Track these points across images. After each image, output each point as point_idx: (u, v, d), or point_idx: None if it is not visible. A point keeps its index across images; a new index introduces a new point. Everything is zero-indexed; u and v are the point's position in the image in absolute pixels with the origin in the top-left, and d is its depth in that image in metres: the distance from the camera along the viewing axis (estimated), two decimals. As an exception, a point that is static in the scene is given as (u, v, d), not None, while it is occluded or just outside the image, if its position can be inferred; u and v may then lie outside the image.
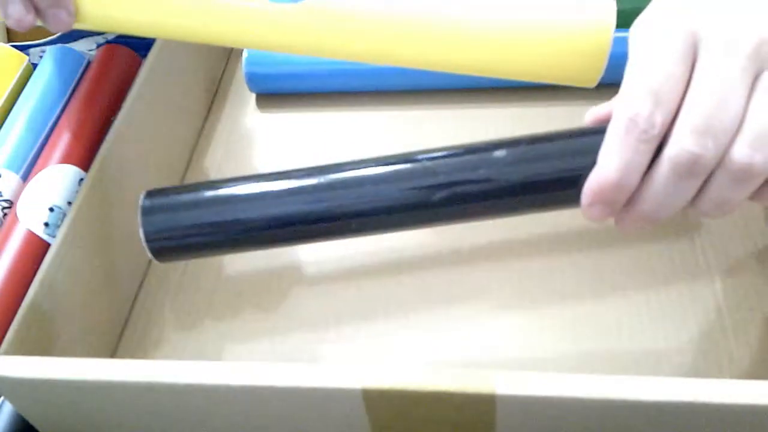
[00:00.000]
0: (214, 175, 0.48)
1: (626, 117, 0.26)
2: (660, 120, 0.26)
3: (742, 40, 0.25)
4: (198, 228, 0.33)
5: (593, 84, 0.33)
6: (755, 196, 0.27)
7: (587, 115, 0.31)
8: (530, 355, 0.37)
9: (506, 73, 0.34)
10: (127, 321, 0.41)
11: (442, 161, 0.30)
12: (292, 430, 0.31)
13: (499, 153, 0.29)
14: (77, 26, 0.35)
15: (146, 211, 0.33)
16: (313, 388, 0.28)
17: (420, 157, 0.30)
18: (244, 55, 0.51)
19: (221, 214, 0.32)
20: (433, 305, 0.39)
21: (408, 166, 0.30)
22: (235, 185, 0.33)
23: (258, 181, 0.32)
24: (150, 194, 0.33)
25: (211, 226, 0.32)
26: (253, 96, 0.53)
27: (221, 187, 0.33)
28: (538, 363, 0.36)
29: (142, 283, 0.42)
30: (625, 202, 0.28)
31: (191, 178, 0.48)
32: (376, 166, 0.31)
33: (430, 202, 0.30)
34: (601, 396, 0.27)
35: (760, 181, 0.26)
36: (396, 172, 0.31)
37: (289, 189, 0.32)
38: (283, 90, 0.52)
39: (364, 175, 0.31)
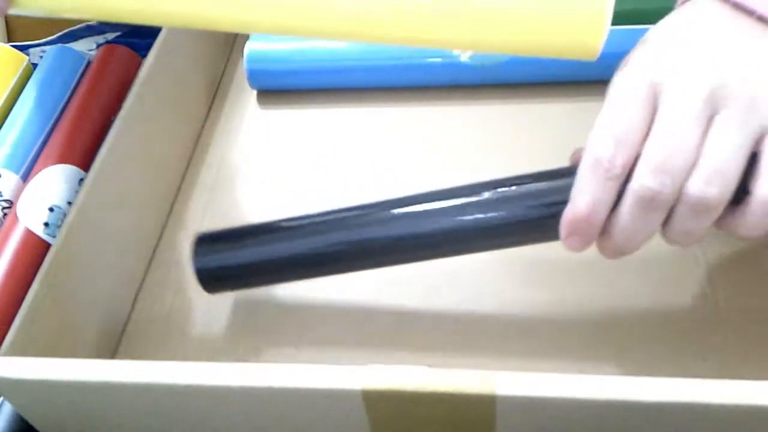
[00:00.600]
0: (214, 174, 0.48)
1: (592, 158, 0.30)
2: (621, 161, 0.29)
3: (697, 87, 0.29)
4: (246, 268, 0.37)
5: (595, 55, 0.32)
6: (720, 225, 0.30)
7: (570, 156, 0.34)
8: (530, 355, 0.36)
9: (502, 46, 0.33)
10: (127, 321, 0.41)
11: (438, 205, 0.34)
12: (292, 430, 0.31)
13: (488, 194, 0.33)
14: (13, 11, 0.34)
15: (199, 253, 0.37)
16: (313, 388, 0.28)
17: (427, 201, 0.35)
18: (246, 52, 0.51)
19: (265, 255, 0.37)
20: (433, 305, 0.39)
21: (418, 208, 0.35)
22: (275, 230, 0.37)
23: (294, 226, 0.37)
24: (201, 238, 0.38)
25: (258, 266, 0.37)
26: (254, 93, 0.53)
27: (265, 232, 0.37)
28: (539, 364, 0.36)
29: (142, 283, 0.42)
30: (600, 233, 0.31)
31: (192, 178, 0.48)
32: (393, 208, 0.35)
33: (435, 241, 0.34)
34: (600, 396, 0.27)
35: (717, 213, 0.29)
36: (405, 213, 0.35)
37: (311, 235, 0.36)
38: (284, 87, 0.52)
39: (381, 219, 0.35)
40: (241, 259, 0.37)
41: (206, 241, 0.37)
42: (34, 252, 0.36)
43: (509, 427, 0.29)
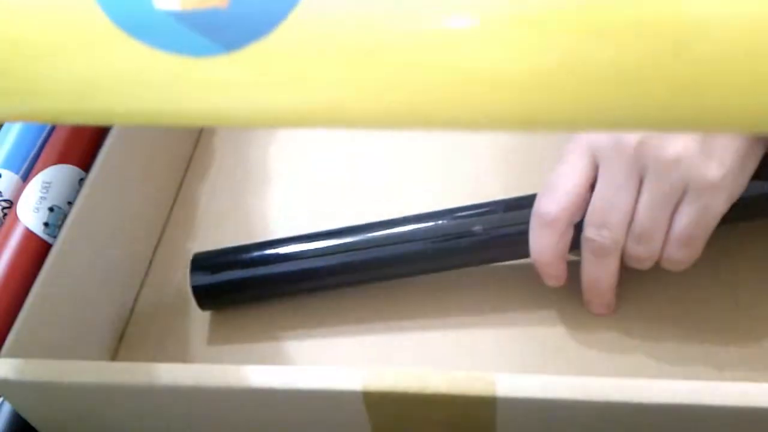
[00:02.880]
0: (214, 173, 0.48)
1: (536, 213, 0.35)
2: (555, 211, 0.34)
3: (624, 145, 0.33)
4: (240, 285, 0.40)
5: None
6: (663, 264, 0.35)
7: None
8: (531, 356, 0.37)
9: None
10: (127, 323, 0.41)
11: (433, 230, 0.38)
12: (293, 431, 0.31)
13: (477, 227, 0.37)
14: None
15: (195, 268, 0.39)
16: (314, 390, 0.28)
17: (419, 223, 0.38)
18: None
19: (258, 273, 0.39)
20: (433, 305, 0.39)
21: (407, 229, 0.38)
22: (267, 249, 0.39)
23: (287, 245, 0.39)
24: (197, 258, 0.40)
25: (249, 283, 0.39)
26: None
27: (257, 251, 0.39)
28: (539, 365, 0.36)
29: (142, 284, 0.42)
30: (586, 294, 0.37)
31: (192, 177, 0.48)
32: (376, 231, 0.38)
33: (427, 260, 0.38)
34: (601, 398, 0.27)
35: (651, 262, 0.35)
36: (397, 234, 0.38)
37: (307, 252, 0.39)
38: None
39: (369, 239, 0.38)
40: (234, 278, 0.39)
41: (201, 261, 0.39)
42: (34, 252, 0.36)
43: (510, 428, 0.29)
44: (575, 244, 0.36)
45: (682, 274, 0.35)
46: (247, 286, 0.39)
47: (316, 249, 0.38)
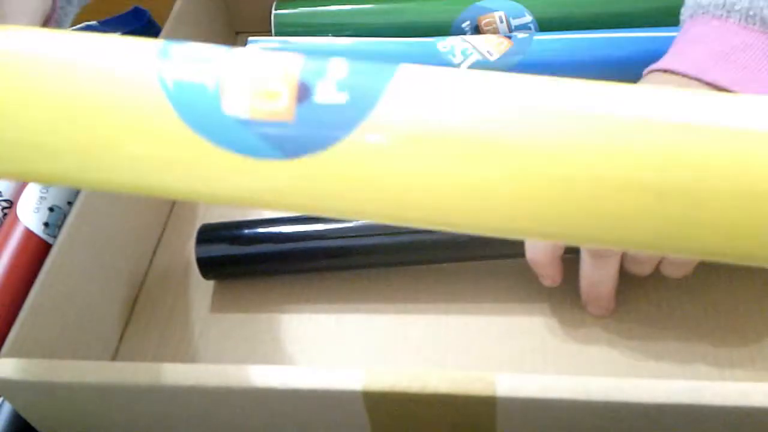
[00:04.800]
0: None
1: None
2: None
3: None
4: (242, 259, 0.41)
5: None
6: (664, 270, 0.35)
7: None
8: (531, 356, 0.37)
9: None
10: (127, 322, 0.41)
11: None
12: (293, 431, 0.31)
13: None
14: None
15: (200, 241, 0.40)
16: (314, 390, 0.28)
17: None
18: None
19: (260, 248, 0.41)
20: (433, 306, 0.39)
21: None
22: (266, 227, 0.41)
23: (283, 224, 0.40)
24: (203, 229, 0.41)
25: (251, 257, 0.41)
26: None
27: (261, 227, 0.41)
28: (539, 365, 0.36)
29: (142, 284, 0.42)
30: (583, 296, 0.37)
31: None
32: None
33: (425, 251, 0.39)
34: (601, 398, 0.27)
35: (652, 266, 0.35)
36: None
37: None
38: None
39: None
40: (237, 251, 0.40)
41: (208, 231, 0.41)
42: (34, 252, 0.36)
43: (510, 428, 0.29)
44: (576, 247, 0.36)
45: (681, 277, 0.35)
46: (249, 260, 0.41)
47: (317, 231, 0.39)
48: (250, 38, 0.51)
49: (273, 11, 0.54)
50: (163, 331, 0.40)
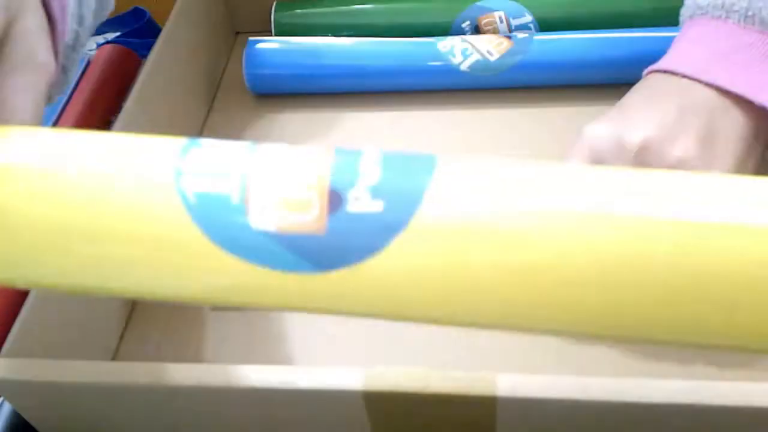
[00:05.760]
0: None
1: None
2: None
3: (626, 148, 0.33)
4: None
5: None
6: None
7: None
8: (531, 356, 0.37)
9: None
10: (127, 322, 0.41)
11: None
12: (293, 431, 0.31)
13: None
14: None
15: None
16: (314, 389, 0.28)
17: None
18: (245, 55, 0.51)
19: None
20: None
21: None
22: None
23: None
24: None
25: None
26: (253, 96, 0.53)
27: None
28: (539, 365, 0.36)
29: (142, 283, 0.42)
30: None
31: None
32: None
33: None
34: (601, 398, 0.27)
35: None
36: None
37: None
38: (283, 91, 0.52)
39: None
40: None
41: None
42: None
43: (510, 428, 0.29)
44: None
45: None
46: None
47: None
48: (250, 38, 0.51)
49: (273, 11, 0.54)
50: (163, 331, 0.40)
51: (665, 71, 0.36)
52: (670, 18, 0.43)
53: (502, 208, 0.18)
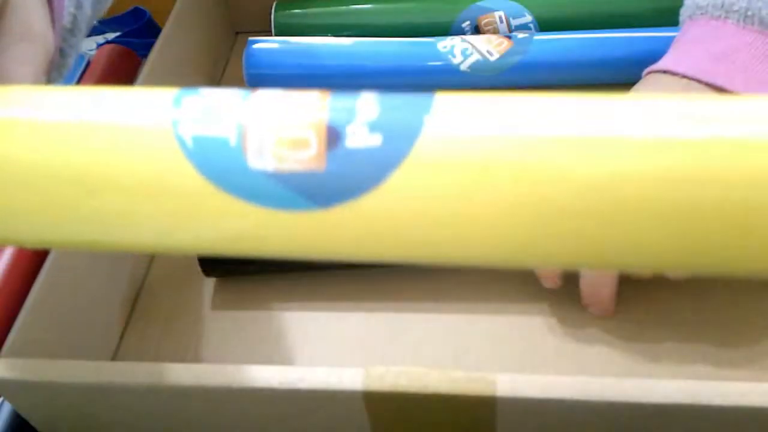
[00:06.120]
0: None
1: None
2: None
3: None
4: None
5: None
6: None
7: None
8: (531, 356, 0.37)
9: None
10: (127, 322, 0.41)
11: None
12: (292, 431, 0.31)
13: None
14: None
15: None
16: (314, 389, 0.28)
17: None
18: (245, 55, 0.51)
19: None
20: (434, 305, 0.39)
21: None
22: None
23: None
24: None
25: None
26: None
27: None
28: (539, 365, 0.36)
29: (142, 284, 0.42)
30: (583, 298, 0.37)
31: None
32: None
33: None
34: (601, 398, 0.27)
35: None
36: None
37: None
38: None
39: None
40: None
41: None
42: (34, 252, 0.36)
43: (510, 428, 0.29)
44: None
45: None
46: (251, 258, 0.40)
47: None
48: (250, 38, 0.51)
49: (273, 11, 0.54)
50: (163, 331, 0.40)
51: (665, 71, 0.36)
52: (670, 18, 0.43)
53: (504, 138, 0.18)
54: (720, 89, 0.34)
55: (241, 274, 0.42)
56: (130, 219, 0.19)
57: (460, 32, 0.52)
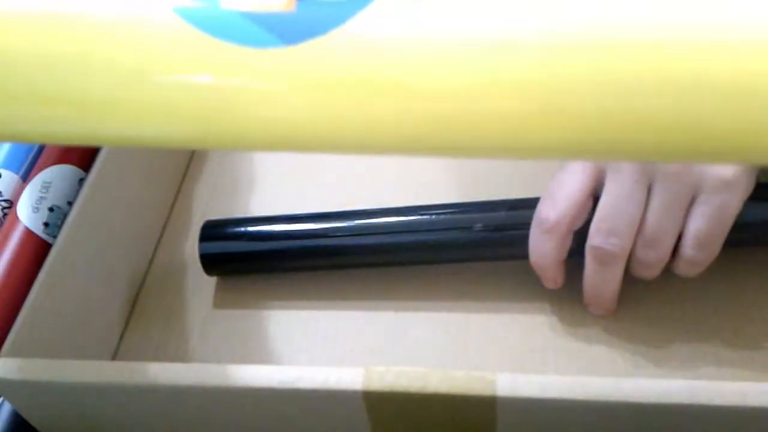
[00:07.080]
0: (215, 173, 0.48)
1: (536, 219, 0.35)
2: (554, 218, 0.34)
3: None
4: (244, 256, 0.41)
5: None
6: (677, 270, 0.35)
7: None
8: (531, 356, 0.37)
9: None
10: (127, 322, 0.41)
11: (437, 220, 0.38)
12: (292, 431, 0.31)
13: (478, 225, 0.37)
14: None
15: (204, 237, 0.40)
16: (314, 389, 0.28)
17: (420, 213, 0.39)
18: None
19: (263, 246, 0.41)
20: (433, 305, 0.39)
21: (409, 218, 0.39)
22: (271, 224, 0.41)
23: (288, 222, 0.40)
24: (207, 225, 0.41)
25: (253, 254, 0.41)
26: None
27: (264, 224, 0.41)
28: (539, 365, 0.36)
29: (142, 283, 0.42)
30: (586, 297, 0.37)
31: (192, 178, 0.48)
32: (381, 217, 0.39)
33: (426, 251, 0.39)
34: (601, 398, 0.27)
35: (659, 269, 0.35)
36: (399, 223, 0.39)
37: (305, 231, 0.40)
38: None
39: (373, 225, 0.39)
40: (241, 247, 0.41)
41: (211, 227, 0.41)
42: (34, 252, 0.36)
43: (510, 428, 0.29)
44: (579, 252, 0.35)
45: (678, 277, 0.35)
46: (253, 257, 0.41)
47: (321, 229, 0.39)
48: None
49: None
50: (163, 331, 0.40)
51: None
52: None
53: None
54: None
55: (242, 273, 0.42)
56: (101, 60, 0.20)
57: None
